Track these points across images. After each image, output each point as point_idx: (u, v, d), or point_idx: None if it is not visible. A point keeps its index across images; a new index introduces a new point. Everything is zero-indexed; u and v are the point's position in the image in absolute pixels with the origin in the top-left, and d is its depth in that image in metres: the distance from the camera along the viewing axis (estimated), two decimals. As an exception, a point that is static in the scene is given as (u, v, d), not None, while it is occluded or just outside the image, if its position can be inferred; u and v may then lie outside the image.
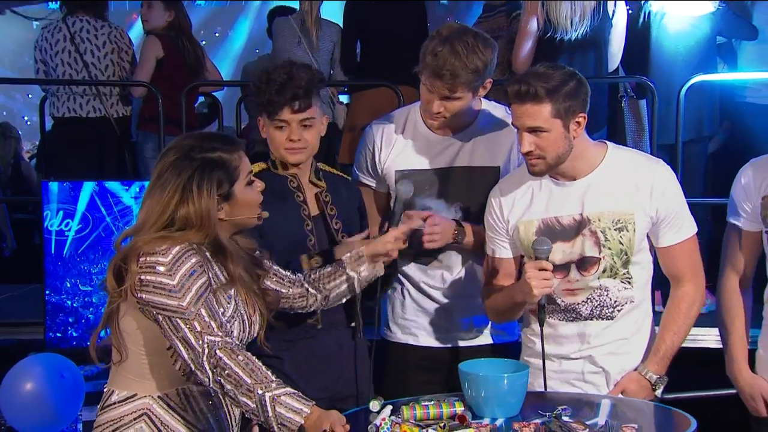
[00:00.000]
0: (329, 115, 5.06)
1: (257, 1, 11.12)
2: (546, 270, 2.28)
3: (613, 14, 3.91)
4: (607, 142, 2.54)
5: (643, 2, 4.16)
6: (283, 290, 2.32)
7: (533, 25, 3.88)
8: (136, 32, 6.11)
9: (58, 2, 4.86)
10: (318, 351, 2.57)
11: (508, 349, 2.72)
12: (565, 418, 2.04)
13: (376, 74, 4.51)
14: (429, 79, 2.52)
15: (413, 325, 2.79)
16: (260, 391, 1.91)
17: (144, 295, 1.97)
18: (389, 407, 2.12)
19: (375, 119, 2.92)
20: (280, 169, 2.56)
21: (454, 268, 2.73)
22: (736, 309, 2.53)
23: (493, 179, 2.66)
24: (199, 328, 1.95)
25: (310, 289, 2.36)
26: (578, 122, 2.35)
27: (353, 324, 2.63)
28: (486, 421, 2.07)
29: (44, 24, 4.96)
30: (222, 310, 2.04)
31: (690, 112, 4.02)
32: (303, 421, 1.90)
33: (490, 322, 2.76)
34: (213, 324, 1.97)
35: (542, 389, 2.39)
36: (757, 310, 2.55)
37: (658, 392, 2.46)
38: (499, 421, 2.06)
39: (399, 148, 2.74)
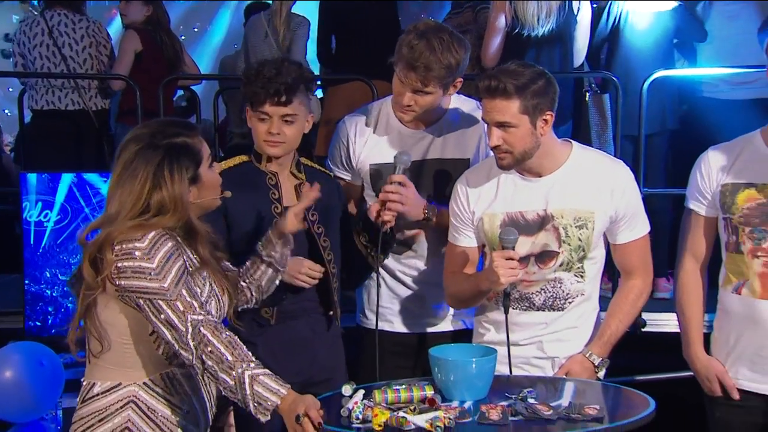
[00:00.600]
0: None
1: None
2: (512, 259, 2.29)
3: (578, 11, 3.93)
4: (572, 141, 2.57)
5: (609, 1, 4.18)
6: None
7: (501, 21, 3.89)
8: (115, 27, 6.05)
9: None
10: (291, 337, 2.57)
11: (470, 333, 2.71)
12: (531, 400, 2.05)
13: (350, 68, 4.49)
14: (403, 71, 2.53)
15: (388, 312, 2.79)
16: (240, 369, 1.90)
17: (123, 282, 1.95)
18: (362, 391, 2.11)
19: (347, 114, 2.92)
20: (263, 163, 2.56)
21: (427, 257, 2.74)
22: (693, 293, 2.55)
23: (464, 171, 2.66)
24: (182, 308, 1.94)
25: (242, 282, 2.35)
26: (545, 120, 2.37)
27: (331, 312, 2.63)
28: (455, 403, 2.07)
29: (22, 18, 4.88)
30: (199, 290, 2.04)
31: (654, 106, 4.06)
32: (279, 402, 1.90)
33: (451, 311, 2.77)
34: (195, 303, 1.96)
35: (497, 373, 2.39)
36: (712, 294, 2.57)
37: (601, 374, 2.49)
38: (468, 404, 2.07)
39: (372, 142, 2.73)
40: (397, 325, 2.78)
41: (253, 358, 1.95)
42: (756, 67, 3.92)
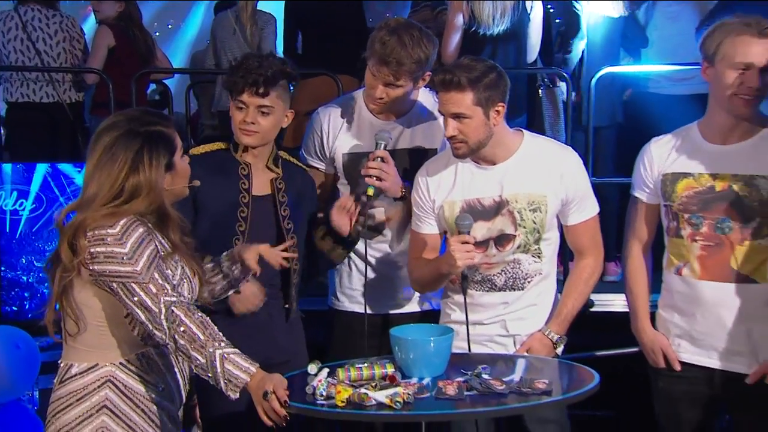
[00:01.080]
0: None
1: None
2: (468, 243, 2.31)
3: (530, 10, 3.95)
4: (523, 130, 2.59)
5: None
6: None
7: (459, 19, 3.90)
8: (90, 24, 5.94)
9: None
10: (249, 321, 2.53)
11: (436, 314, 2.72)
12: (485, 376, 2.07)
13: (316, 63, 4.47)
14: (375, 66, 2.54)
15: (359, 295, 2.78)
16: (211, 348, 1.90)
17: (96, 267, 1.94)
18: (326, 370, 2.11)
19: (321, 106, 2.92)
20: (239, 153, 2.54)
21: (396, 240, 2.74)
22: (639, 274, 2.58)
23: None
24: (154, 290, 1.93)
25: None
26: (498, 111, 2.40)
27: (287, 305, 2.62)
28: (414, 380, 2.08)
29: None
30: (171, 274, 2.02)
31: (603, 101, 4.10)
32: (248, 379, 1.91)
33: (418, 294, 2.78)
34: (167, 286, 1.96)
35: (460, 351, 2.42)
36: (656, 275, 2.61)
37: (559, 350, 2.53)
38: (426, 380, 2.08)
39: (345, 132, 2.74)
40: (362, 306, 2.76)
41: (224, 338, 1.95)
42: (694, 64, 3.99)
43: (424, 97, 2.77)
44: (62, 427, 2.00)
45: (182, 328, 1.91)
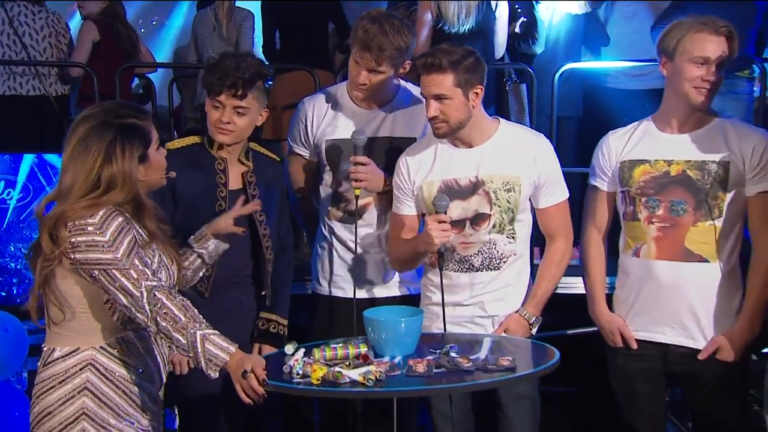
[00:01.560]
0: None
1: None
2: (444, 222, 2.33)
3: (496, 8, 3.95)
4: (500, 118, 2.61)
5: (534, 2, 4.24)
6: None
7: (428, 16, 3.90)
8: (76, 21, 5.84)
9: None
10: (219, 306, 2.53)
11: (418, 298, 2.72)
12: (453, 355, 2.08)
13: (293, 59, 4.44)
14: (359, 52, 2.55)
15: (340, 279, 2.78)
16: (192, 330, 1.90)
17: (78, 256, 1.92)
18: (302, 350, 2.11)
19: (299, 99, 2.90)
20: (214, 149, 2.52)
21: (375, 226, 2.73)
22: (596, 258, 2.61)
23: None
24: (135, 276, 1.92)
25: None
26: (476, 93, 2.43)
27: (263, 293, 2.62)
28: (386, 359, 2.09)
29: None
30: (150, 261, 2.01)
31: (565, 94, 4.12)
32: (228, 359, 1.90)
33: (406, 277, 2.78)
34: (147, 271, 1.94)
35: (440, 331, 2.43)
36: (613, 260, 2.63)
37: (534, 330, 2.55)
38: (398, 359, 2.09)
39: (328, 121, 2.73)
40: (349, 291, 2.76)
41: (204, 320, 1.94)
42: (649, 60, 4.04)
43: (407, 86, 2.77)
44: (45, 408, 1.99)
45: (164, 311, 1.90)
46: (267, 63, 4.74)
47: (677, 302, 2.43)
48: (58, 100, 4.62)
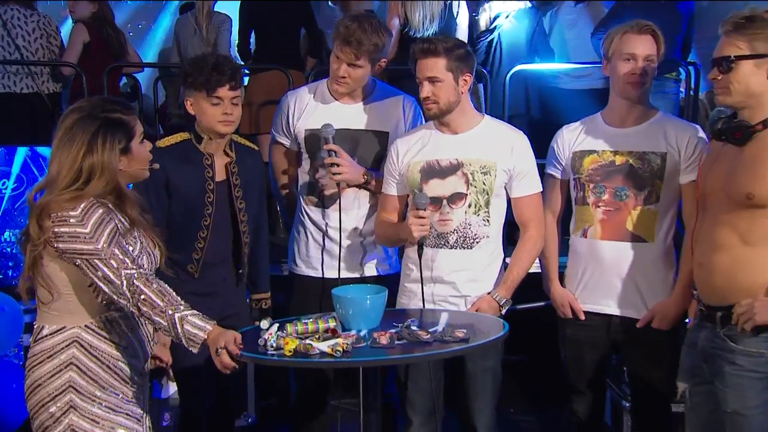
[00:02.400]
0: None
1: (176, 0, 10.74)
2: (423, 218, 2.35)
3: (457, 15, 3.95)
4: (485, 114, 2.62)
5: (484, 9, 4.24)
6: None
7: (395, 21, 3.89)
8: (68, 25, 5.73)
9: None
10: (206, 281, 2.54)
11: (390, 279, 2.71)
12: (413, 328, 2.08)
13: (268, 59, 4.40)
14: (339, 46, 2.53)
15: (314, 260, 2.76)
16: (170, 312, 1.88)
17: (61, 245, 1.88)
18: (276, 325, 2.09)
19: (274, 97, 2.89)
20: (202, 145, 2.49)
21: (350, 211, 2.70)
22: (551, 240, 2.62)
23: (384, 142, 2.69)
24: (115, 265, 1.89)
25: None
26: (465, 80, 2.44)
27: (240, 271, 2.62)
28: (353, 332, 2.08)
29: None
30: (131, 248, 1.97)
31: (519, 94, 4.16)
32: (206, 336, 1.89)
33: (376, 258, 2.77)
34: (127, 260, 1.91)
35: (416, 308, 2.46)
36: (565, 241, 2.65)
37: (504, 311, 2.52)
38: (363, 332, 2.08)
39: (309, 113, 2.70)
40: (321, 271, 2.75)
41: (182, 302, 1.93)
42: (590, 63, 4.10)
43: (382, 88, 2.76)
44: (36, 380, 1.97)
45: (143, 297, 1.88)
46: (243, 62, 4.73)
47: (619, 277, 2.46)
48: (50, 98, 4.53)
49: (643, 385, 2.55)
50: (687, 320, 2.42)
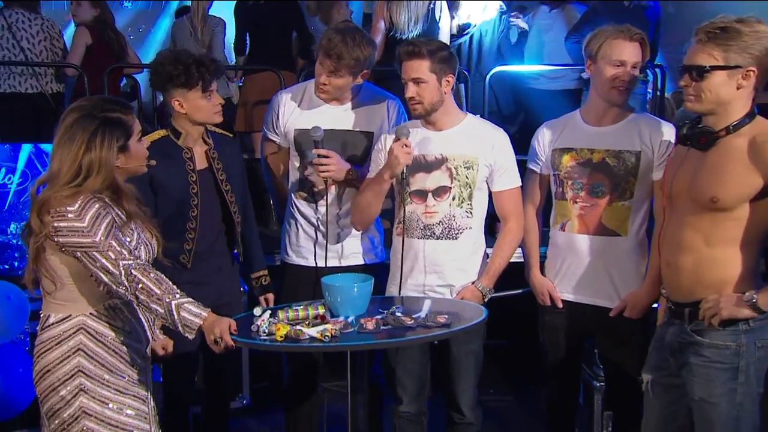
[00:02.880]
0: (228, 93, 4.92)
1: (174, 1, 10.68)
2: (407, 146, 2.35)
3: (439, 19, 3.94)
4: (468, 113, 2.61)
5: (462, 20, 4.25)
6: None
7: (381, 24, 3.87)
8: (72, 29, 5.69)
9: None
10: (202, 271, 2.53)
11: (376, 268, 2.70)
12: (398, 314, 2.08)
13: (262, 61, 4.38)
14: (320, 57, 2.51)
15: (304, 251, 2.74)
16: (167, 300, 1.87)
17: (61, 239, 1.87)
18: (268, 312, 2.09)
19: (259, 98, 2.87)
20: (181, 139, 2.48)
21: (337, 205, 2.69)
22: (532, 231, 2.61)
23: (370, 141, 2.66)
24: (113, 256, 1.87)
25: None
26: (448, 81, 2.42)
27: (236, 250, 2.60)
28: (341, 318, 2.08)
29: None
30: (128, 240, 1.96)
31: (499, 93, 4.17)
32: (201, 323, 1.89)
33: (362, 248, 2.74)
34: (124, 251, 1.89)
35: (403, 296, 2.45)
36: (545, 232, 2.64)
37: (486, 299, 2.52)
38: (351, 318, 2.08)
39: (298, 112, 2.68)
40: (311, 261, 2.74)
41: (178, 290, 1.92)
42: (564, 65, 4.12)
43: (368, 89, 2.73)
44: (45, 366, 1.96)
45: (141, 285, 1.87)
46: (241, 62, 4.71)
47: (594, 269, 2.46)
48: (53, 97, 4.49)
49: (615, 369, 2.56)
50: (656, 305, 2.43)
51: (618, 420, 2.66)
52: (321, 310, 2.10)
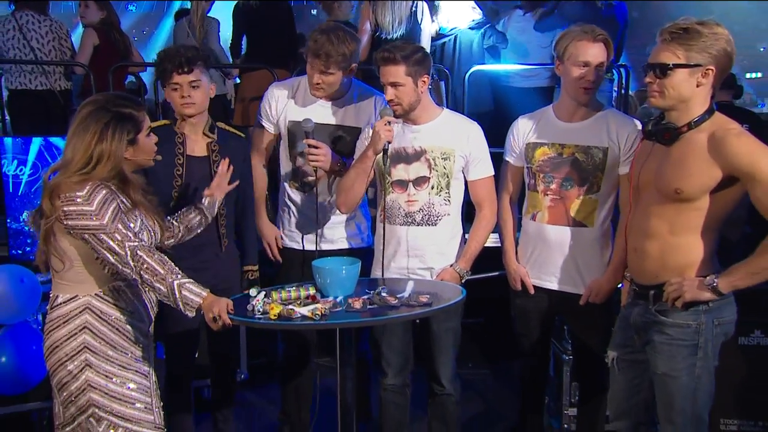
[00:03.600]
0: (224, 90, 4.85)
1: (176, 1, 10.59)
2: (389, 123, 2.34)
3: (421, 21, 3.92)
4: (444, 108, 2.58)
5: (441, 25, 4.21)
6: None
7: (367, 25, 3.85)
8: (80, 31, 5.61)
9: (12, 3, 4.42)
10: (200, 258, 2.51)
11: (363, 252, 2.68)
12: (383, 294, 2.07)
13: (258, 60, 4.33)
14: (310, 58, 2.48)
15: (297, 236, 2.73)
16: (170, 279, 1.86)
17: (69, 222, 1.85)
18: (263, 292, 2.07)
19: (255, 94, 2.83)
20: (177, 125, 2.47)
21: (326, 194, 2.68)
22: (507, 219, 2.60)
23: (356, 135, 2.63)
24: (120, 238, 1.86)
25: (174, 222, 2.29)
26: (423, 81, 2.40)
27: (223, 242, 2.57)
28: (330, 298, 2.07)
29: None
30: (132, 225, 1.94)
31: (477, 91, 4.14)
32: (201, 301, 1.88)
33: (350, 234, 2.72)
34: (130, 234, 1.88)
35: (387, 278, 2.44)
36: (519, 219, 2.63)
37: (464, 281, 2.51)
38: (339, 298, 2.07)
39: (291, 105, 2.66)
40: (300, 244, 2.72)
41: (180, 271, 1.90)
42: (538, 64, 4.11)
43: (357, 87, 2.70)
44: (54, 343, 1.95)
45: (146, 266, 1.86)
46: (238, 60, 4.65)
47: (562, 257, 2.45)
48: (62, 94, 4.42)
49: (581, 347, 2.57)
50: (620, 284, 2.44)
51: (583, 390, 2.68)
52: (312, 291, 2.09)
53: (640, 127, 2.35)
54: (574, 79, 2.32)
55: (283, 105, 2.66)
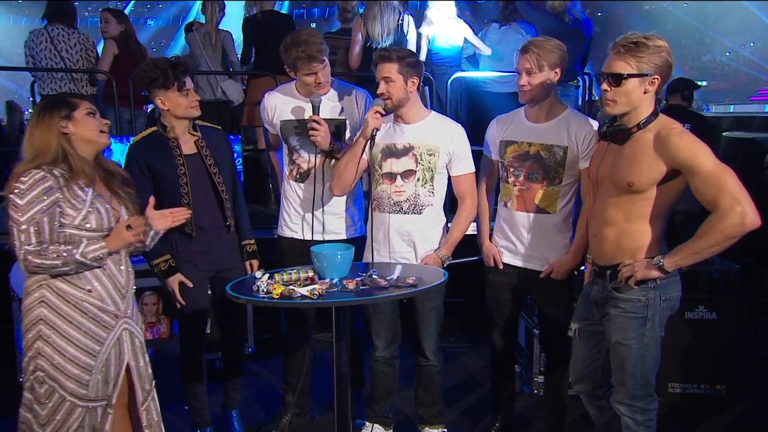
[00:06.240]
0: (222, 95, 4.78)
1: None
2: (379, 112, 2.35)
3: (407, 32, 3.90)
4: (432, 110, 2.57)
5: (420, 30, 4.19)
6: None
7: (359, 36, 3.83)
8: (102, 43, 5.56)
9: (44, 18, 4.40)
10: (204, 240, 2.49)
11: (356, 239, 2.67)
12: (374, 276, 2.06)
13: (264, 68, 4.31)
14: (307, 64, 2.47)
15: (296, 226, 2.71)
16: (71, 259, 1.83)
17: (8, 210, 1.82)
18: (267, 274, 2.06)
19: (267, 91, 2.81)
20: (168, 131, 2.42)
21: (323, 185, 2.65)
22: (483, 207, 2.62)
23: (342, 127, 2.62)
24: (23, 238, 1.81)
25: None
26: (413, 82, 2.39)
27: (228, 224, 2.55)
28: (327, 280, 2.05)
29: (31, 30, 4.43)
30: (73, 212, 1.87)
31: (458, 95, 4.13)
32: (105, 244, 1.86)
33: (345, 223, 2.70)
34: (34, 239, 1.82)
35: (378, 262, 2.42)
36: (496, 210, 2.64)
37: (445, 265, 2.50)
38: (335, 280, 2.06)
39: (281, 107, 2.65)
40: (300, 234, 2.70)
41: (73, 248, 1.84)
42: (512, 71, 4.07)
43: (339, 86, 2.67)
44: (23, 309, 1.94)
45: (44, 266, 1.83)
46: (248, 69, 4.61)
47: (528, 239, 2.48)
48: (88, 98, 4.39)
49: (546, 318, 2.59)
50: (583, 268, 2.44)
51: (548, 358, 2.69)
52: (310, 273, 2.08)
53: (596, 127, 2.39)
54: (518, 85, 2.38)
55: (274, 108, 2.66)
